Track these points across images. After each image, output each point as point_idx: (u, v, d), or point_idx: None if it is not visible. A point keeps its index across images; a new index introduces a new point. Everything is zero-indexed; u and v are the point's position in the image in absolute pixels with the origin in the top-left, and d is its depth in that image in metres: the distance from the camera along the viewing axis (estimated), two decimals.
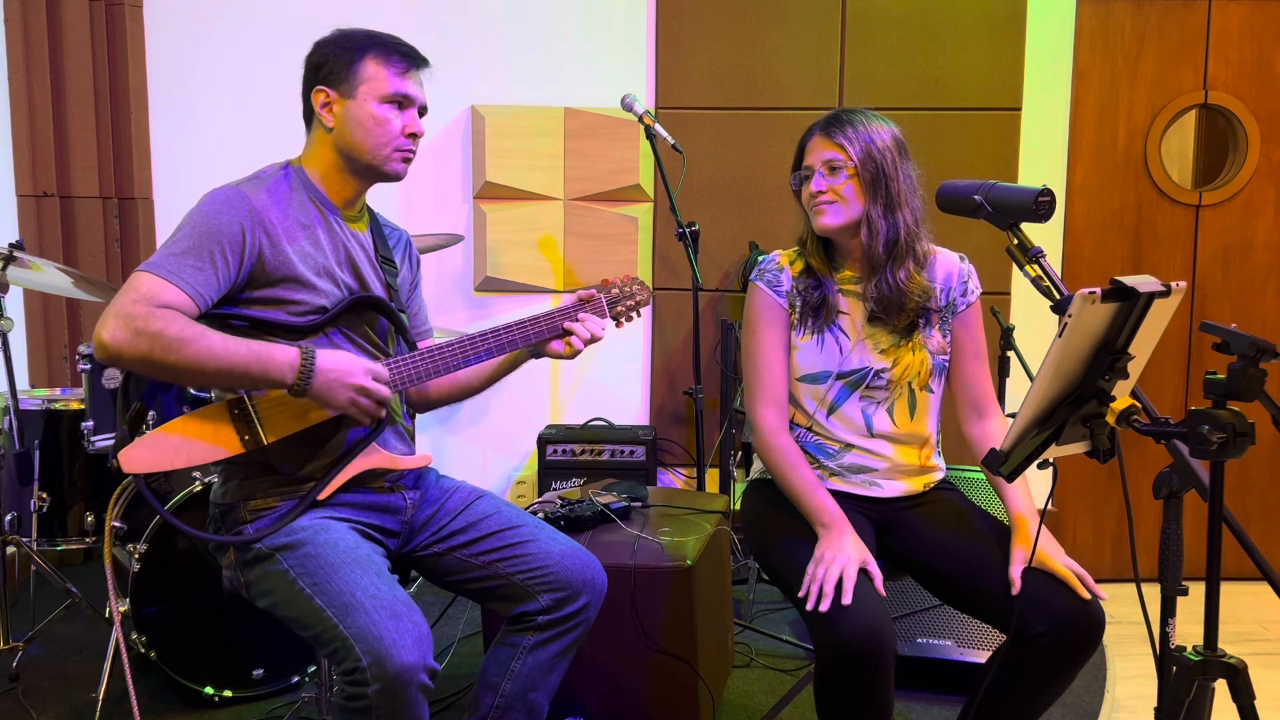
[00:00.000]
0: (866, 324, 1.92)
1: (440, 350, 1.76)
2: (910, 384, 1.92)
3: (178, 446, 1.61)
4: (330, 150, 1.74)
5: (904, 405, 1.93)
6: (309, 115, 1.78)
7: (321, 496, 1.68)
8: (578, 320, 1.82)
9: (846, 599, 1.66)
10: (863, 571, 1.73)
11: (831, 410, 1.93)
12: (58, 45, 3.33)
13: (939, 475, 2.01)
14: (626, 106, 3.02)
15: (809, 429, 1.96)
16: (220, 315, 1.64)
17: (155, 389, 1.68)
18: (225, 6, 3.55)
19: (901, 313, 1.89)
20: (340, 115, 1.72)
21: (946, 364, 1.96)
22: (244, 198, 1.64)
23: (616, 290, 1.90)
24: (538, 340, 1.82)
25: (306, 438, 1.68)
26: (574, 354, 1.83)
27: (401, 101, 1.74)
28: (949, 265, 1.95)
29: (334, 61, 1.74)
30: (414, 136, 1.76)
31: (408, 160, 1.77)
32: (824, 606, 1.66)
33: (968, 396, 1.98)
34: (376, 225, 1.88)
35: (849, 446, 1.93)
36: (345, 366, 1.61)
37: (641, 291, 1.92)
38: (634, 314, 1.92)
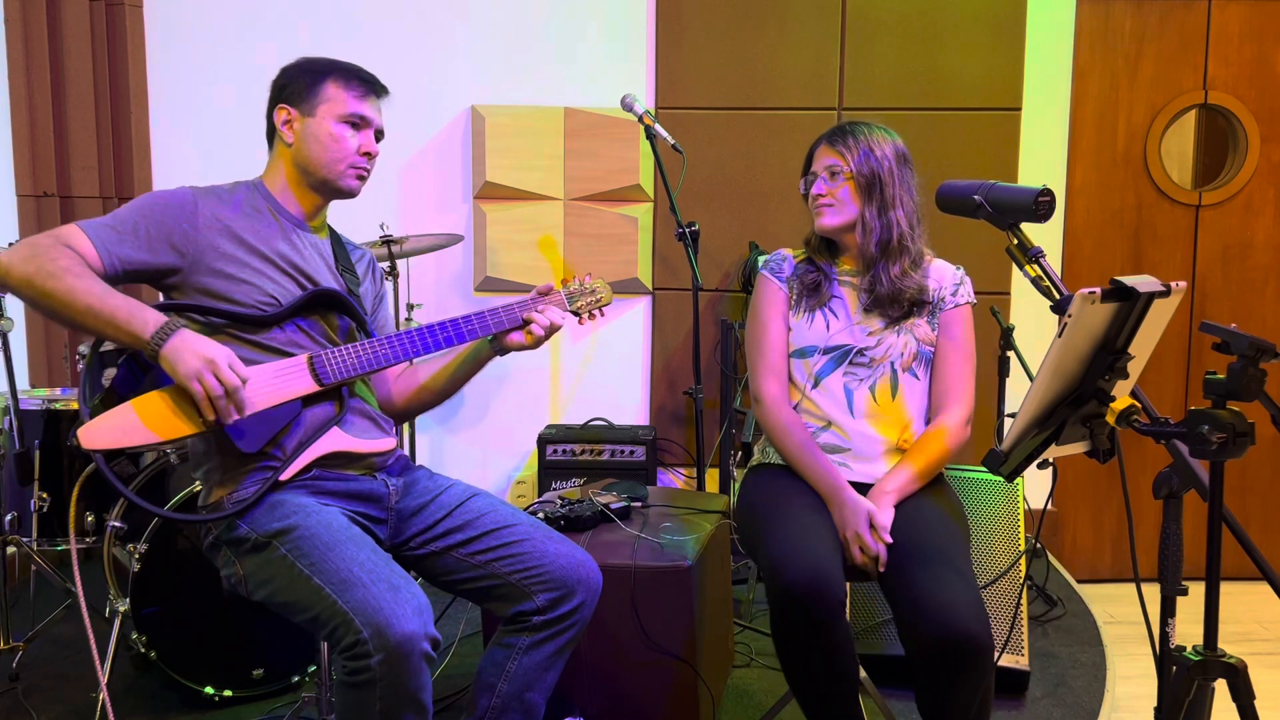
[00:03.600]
0: (861, 311, 2.06)
1: (395, 338, 1.79)
2: (893, 364, 2.03)
3: (138, 424, 1.63)
4: (289, 165, 1.83)
5: (886, 385, 2.03)
6: (271, 133, 1.86)
7: (285, 477, 1.70)
8: (539, 311, 1.86)
9: (883, 557, 1.86)
10: (821, 518, 1.91)
11: (817, 383, 2.05)
12: (58, 45, 3.33)
13: None
14: (626, 106, 3.02)
15: (796, 405, 2.08)
16: (175, 305, 1.70)
17: (123, 379, 1.70)
18: (225, 6, 3.55)
19: (896, 305, 2.03)
20: (300, 132, 1.81)
21: (929, 354, 2.06)
22: (192, 194, 1.75)
23: (576, 286, 1.95)
24: (496, 330, 1.85)
25: (266, 418, 1.70)
26: (535, 343, 1.86)
27: (358, 122, 1.83)
28: (943, 271, 2.09)
29: (297, 83, 1.83)
30: (369, 156, 1.84)
31: (362, 178, 1.86)
32: (881, 568, 1.86)
33: (936, 389, 2.07)
34: (338, 239, 1.95)
35: (829, 425, 2.03)
36: (205, 343, 1.61)
37: (603, 290, 1.98)
38: (597, 311, 1.97)
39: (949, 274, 2.08)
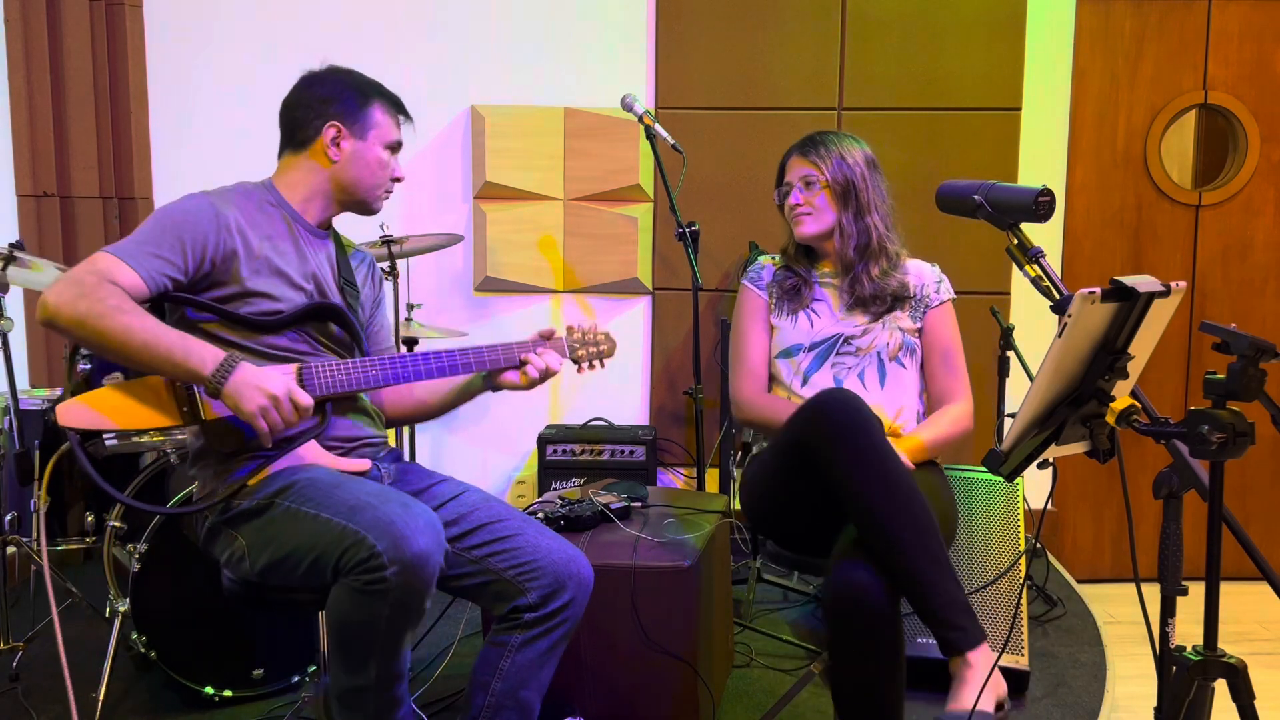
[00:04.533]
0: (844, 309, 2.13)
1: (388, 361, 1.80)
2: (879, 354, 2.09)
3: (117, 408, 1.64)
4: (324, 180, 1.83)
5: (874, 374, 2.09)
6: (303, 140, 1.83)
7: (253, 481, 1.71)
8: (537, 354, 1.86)
9: None
10: None
11: (805, 380, 2.11)
12: (58, 45, 3.33)
13: None
14: (626, 106, 3.02)
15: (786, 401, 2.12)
16: (188, 301, 1.71)
17: (105, 367, 1.72)
18: (225, 6, 3.55)
19: (879, 301, 2.10)
20: (349, 153, 1.82)
21: (915, 345, 2.12)
22: (211, 203, 1.73)
23: (580, 335, 1.95)
24: (493, 367, 1.86)
25: (243, 422, 1.70)
26: (529, 384, 1.87)
27: (395, 148, 1.88)
28: (922, 269, 2.16)
29: (347, 101, 1.82)
30: (397, 180, 1.91)
31: (387, 199, 1.92)
32: None
33: (935, 386, 2.15)
34: (340, 242, 1.95)
35: None
36: (266, 377, 1.62)
37: (607, 342, 1.97)
38: (597, 362, 1.96)
39: (928, 272, 2.15)
